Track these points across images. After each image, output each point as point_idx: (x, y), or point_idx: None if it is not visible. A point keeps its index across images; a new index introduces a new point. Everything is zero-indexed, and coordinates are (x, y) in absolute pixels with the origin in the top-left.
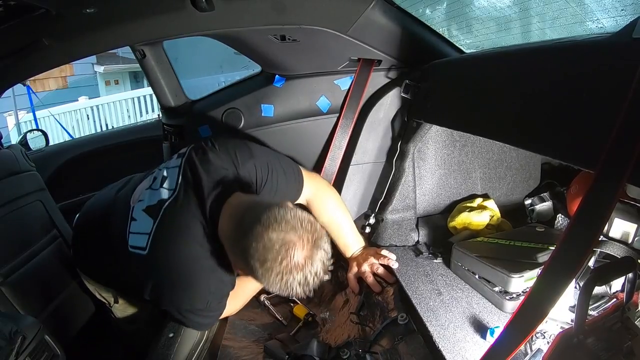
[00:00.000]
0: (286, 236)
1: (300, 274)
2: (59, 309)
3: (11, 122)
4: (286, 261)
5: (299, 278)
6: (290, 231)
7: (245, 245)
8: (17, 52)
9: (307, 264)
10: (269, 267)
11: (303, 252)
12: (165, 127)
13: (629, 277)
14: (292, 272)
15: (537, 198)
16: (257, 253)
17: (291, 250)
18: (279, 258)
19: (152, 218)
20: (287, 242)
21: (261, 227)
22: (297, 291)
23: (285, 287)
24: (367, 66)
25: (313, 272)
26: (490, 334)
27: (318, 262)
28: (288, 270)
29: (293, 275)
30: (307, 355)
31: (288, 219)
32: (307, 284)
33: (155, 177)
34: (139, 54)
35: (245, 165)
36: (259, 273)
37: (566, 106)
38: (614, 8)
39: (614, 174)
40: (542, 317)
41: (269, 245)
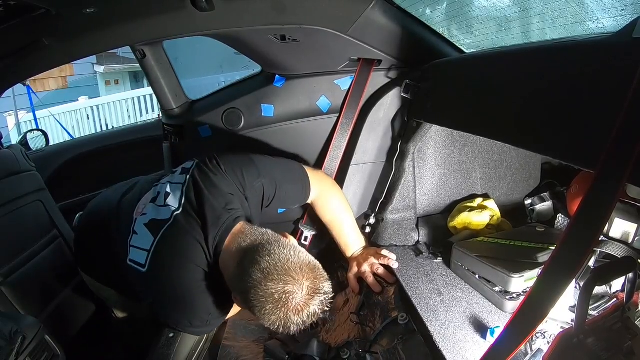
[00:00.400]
0: (286, 287)
1: (298, 318)
2: (59, 309)
3: (11, 122)
4: (285, 309)
5: (296, 320)
6: (290, 282)
7: (244, 289)
8: (17, 52)
9: (305, 309)
10: (268, 312)
11: (302, 299)
12: (165, 127)
13: (629, 277)
14: (290, 317)
15: (537, 198)
16: (256, 300)
17: (290, 299)
18: (278, 306)
19: (153, 236)
20: (287, 293)
21: (261, 274)
22: (293, 329)
23: (282, 328)
24: (367, 66)
25: (310, 314)
26: (491, 334)
27: (316, 306)
28: (286, 316)
29: (291, 318)
30: (307, 355)
31: (288, 267)
32: (304, 323)
33: (159, 192)
34: (139, 54)
35: (253, 185)
36: (257, 314)
37: (566, 106)
38: (614, 8)
39: (614, 174)
40: (542, 317)
41: (268, 294)
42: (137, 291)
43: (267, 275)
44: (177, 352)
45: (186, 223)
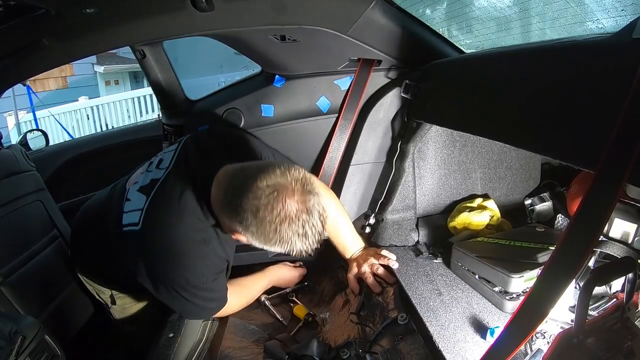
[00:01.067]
0: (276, 181)
1: (296, 224)
2: (59, 309)
3: (11, 122)
4: (278, 208)
5: (296, 228)
6: (280, 177)
7: (237, 202)
8: (17, 52)
9: (302, 212)
10: (262, 217)
11: (295, 197)
12: (165, 127)
13: (629, 277)
14: (286, 221)
15: (537, 198)
16: (249, 204)
17: (281, 195)
18: (269, 205)
19: (146, 195)
20: (277, 187)
21: (251, 179)
22: (298, 246)
23: (283, 241)
24: (367, 66)
25: (310, 223)
26: (490, 334)
27: (314, 211)
28: (282, 218)
29: (289, 224)
30: (307, 355)
31: (275, 168)
32: (306, 236)
33: (152, 162)
34: (139, 54)
35: (239, 150)
36: (253, 228)
37: (566, 106)
38: (614, 8)
39: (614, 174)
40: (542, 317)
41: (259, 193)
42: (133, 269)
43: (255, 177)
44: (177, 353)
45: (177, 176)
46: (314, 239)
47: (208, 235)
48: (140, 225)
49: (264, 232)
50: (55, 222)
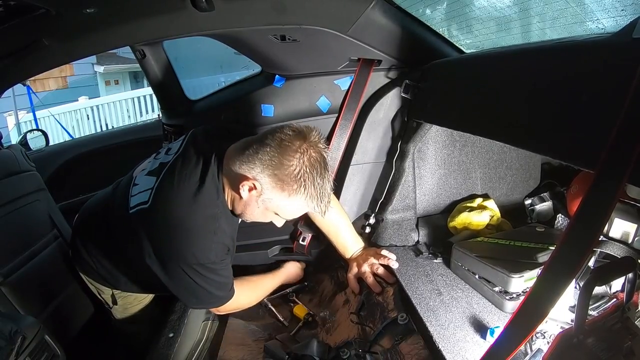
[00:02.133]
0: (298, 128)
1: (315, 173)
2: (59, 309)
3: (11, 122)
4: (300, 153)
5: (315, 176)
6: (299, 134)
7: (258, 153)
8: (17, 52)
9: (317, 165)
10: (284, 150)
11: (313, 154)
12: (165, 127)
13: (629, 277)
14: (307, 160)
15: (537, 198)
16: (274, 140)
17: (303, 139)
18: (293, 142)
19: (155, 176)
20: (300, 131)
21: (270, 134)
22: (311, 192)
23: (301, 181)
24: (367, 66)
25: (326, 176)
26: (490, 334)
27: (325, 173)
28: (302, 153)
29: (310, 164)
30: (307, 355)
31: (293, 127)
32: (321, 187)
33: (159, 152)
34: (139, 54)
35: None
36: (275, 170)
37: (566, 106)
38: (614, 8)
39: (614, 174)
40: (542, 317)
41: (281, 141)
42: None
43: (275, 132)
44: (177, 353)
45: (188, 158)
46: (325, 190)
47: (217, 212)
48: (150, 202)
49: (285, 172)
50: (55, 222)
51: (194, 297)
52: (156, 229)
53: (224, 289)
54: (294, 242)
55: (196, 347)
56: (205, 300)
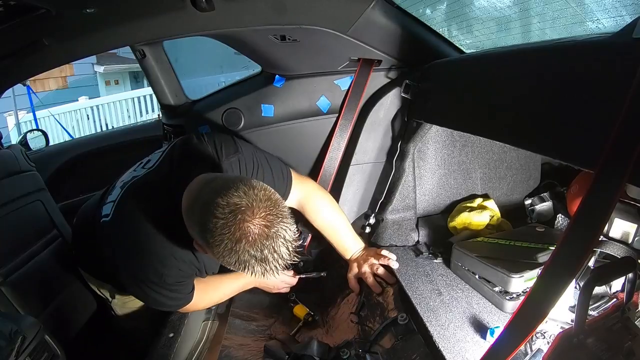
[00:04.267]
0: (238, 201)
1: (254, 248)
2: (59, 309)
3: (11, 122)
4: (234, 229)
5: (253, 252)
6: (244, 197)
7: (198, 215)
8: (17, 52)
9: (261, 236)
10: (220, 235)
11: (256, 220)
12: (165, 127)
13: (629, 277)
14: (242, 242)
15: (537, 198)
16: (210, 220)
17: (240, 216)
18: (227, 225)
19: (121, 189)
20: (238, 207)
21: (215, 195)
22: (257, 269)
23: (240, 262)
24: (367, 66)
25: (271, 248)
26: (491, 334)
27: (277, 237)
28: (237, 239)
29: (245, 246)
30: (307, 355)
31: (241, 187)
32: (266, 261)
33: (142, 162)
34: (139, 54)
35: (229, 158)
36: (211, 244)
37: (566, 106)
38: (614, 8)
39: (614, 174)
40: (542, 317)
41: (219, 211)
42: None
43: (219, 192)
44: (177, 353)
45: (155, 177)
46: (276, 264)
47: (171, 236)
48: (110, 217)
49: (222, 251)
50: (55, 222)
51: (145, 300)
52: (112, 245)
53: (177, 300)
54: None
55: (196, 347)
56: (158, 304)
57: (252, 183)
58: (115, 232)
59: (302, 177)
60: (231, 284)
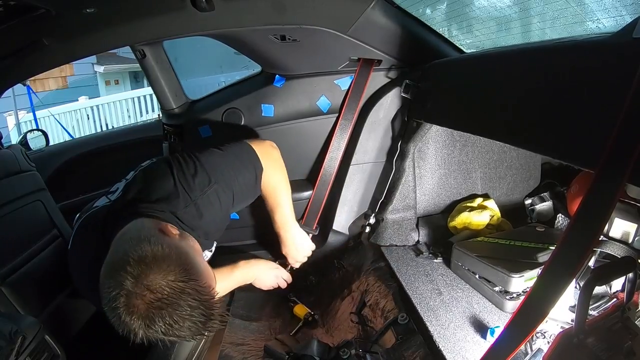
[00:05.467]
0: (120, 281)
1: (134, 323)
2: (59, 309)
3: (11, 122)
4: (119, 304)
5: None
6: (127, 279)
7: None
8: (17, 52)
9: (149, 311)
10: (108, 308)
11: (137, 300)
12: (165, 127)
13: (629, 277)
14: (128, 318)
15: (537, 198)
16: (101, 290)
17: (122, 298)
18: (110, 302)
19: (78, 221)
20: (119, 288)
21: (109, 266)
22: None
23: (140, 335)
24: (367, 66)
25: (152, 329)
26: (491, 334)
27: (154, 321)
28: (119, 316)
29: (130, 321)
30: (307, 355)
31: (127, 266)
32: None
33: (118, 187)
34: (139, 54)
35: (205, 192)
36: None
37: (566, 106)
38: (614, 8)
39: (614, 174)
40: (542, 317)
41: (105, 287)
42: None
43: (113, 264)
44: (177, 352)
45: (99, 216)
46: (185, 332)
47: None
48: (70, 244)
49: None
50: (55, 222)
51: None
52: (74, 272)
53: None
54: None
55: (196, 347)
56: None
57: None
58: (71, 262)
59: (262, 150)
60: (223, 281)
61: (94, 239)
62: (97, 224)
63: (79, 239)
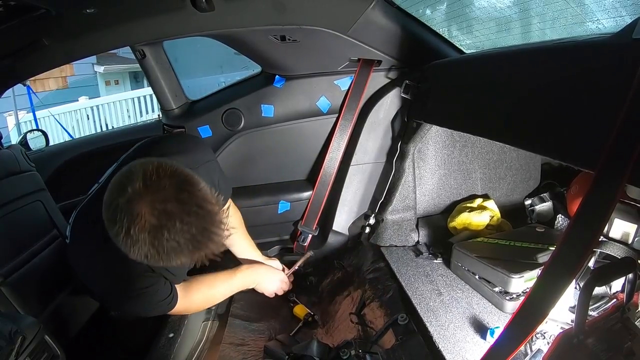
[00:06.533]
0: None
1: (149, 233)
2: (59, 309)
3: (11, 122)
4: (122, 212)
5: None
6: (126, 180)
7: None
8: (17, 52)
9: (153, 210)
10: (112, 226)
11: (141, 201)
12: (165, 127)
13: (629, 278)
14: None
15: (537, 198)
16: (104, 217)
17: (125, 200)
18: (117, 213)
19: (76, 210)
20: (122, 191)
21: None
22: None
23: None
24: (367, 66)
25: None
26: (491, 335)
27: (170, 218)
28: (130, 222)
29: (140, 226)
30: (307, 355)
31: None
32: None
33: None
34: (139, 54)
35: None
36: (116, 241)
37: (566, 106)
38: (614, 8)
39: (614, 174)
40: (542, 317)
41: (109, 206)
42: None
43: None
44: (177, 353)
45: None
46: (195, 242)
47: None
48: (69, 239)
49: (127, 246)
50: (55, 222)
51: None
52: (77, 267)
53: (161, 305)
54: (294, 243)
55: (196, 347)
56: (139, 314)
57: (132, 170)
58: (74, 256)
59: None
60: (225, 284)
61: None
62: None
63: (78, 227)
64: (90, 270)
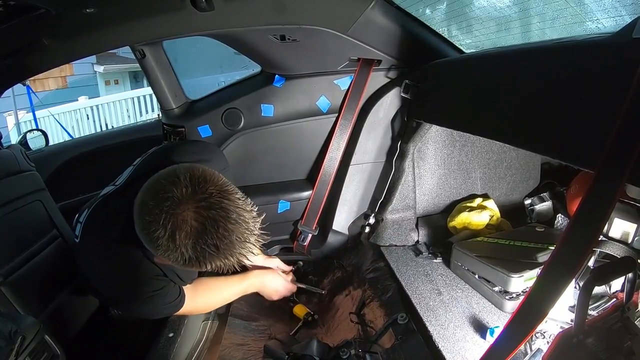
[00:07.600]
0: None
1: (197, 237)
2: (59, 309)
3: (11, 122)
4: (166, 221)
5: (201, 241)
6: (170, 184)
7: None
8: (17, 52)
9: (199, 216)
10: (154, 229)
11: (187, 205)
12: (165, 127)
13: (629, 277)
14: (177, 235)
15: (537, 198)
16: (143, 223)
17: (172, 206)
18: (159, 220)
19: (88, 208)
20: (168, 199)
21: (145, 196)
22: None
23: (187, 257)
24: (367, 66)
25: (218, 233)
26: (490, 334)
27: (216, 221)
28: (170, 233)
29: (187, 237)
30: (307, 354)
31: (161, 179)
32: (217, 248)
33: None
34: (139, 54)
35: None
36: (152, 244)
37: (566, 106)
38: (613, 8)
39: (614, 174)
40: (542, 317)
41: (148, 208)
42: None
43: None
44: (177, 353)
45: (118, 194)
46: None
47: (136, 257)
48: (79, 238)
49: (161, 247)
50: (55, 222)
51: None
52: (84, 267)
53: (168, 307)
54: (294, 242)
55: (196, 347)
56: (145, 316)
57: (177, 173)
58: (84, 256)
59: None
60: (229, 287)
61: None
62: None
63: (92, 226)
64: (101, 271)
